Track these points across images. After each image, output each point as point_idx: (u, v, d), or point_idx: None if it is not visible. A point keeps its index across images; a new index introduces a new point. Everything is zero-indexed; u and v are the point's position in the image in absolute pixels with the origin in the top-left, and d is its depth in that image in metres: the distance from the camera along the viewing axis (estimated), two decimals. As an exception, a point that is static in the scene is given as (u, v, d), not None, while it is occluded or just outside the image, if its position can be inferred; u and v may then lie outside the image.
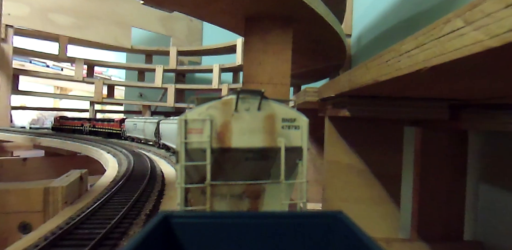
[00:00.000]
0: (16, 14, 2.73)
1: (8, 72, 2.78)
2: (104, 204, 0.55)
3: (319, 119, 1.62)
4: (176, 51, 3.09)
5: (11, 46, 2.77)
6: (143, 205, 0.57)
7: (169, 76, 3.34)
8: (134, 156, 1.09)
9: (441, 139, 0.84)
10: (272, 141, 0.33)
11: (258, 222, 0.26)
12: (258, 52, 0.85)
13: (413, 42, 0.31)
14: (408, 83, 0.38)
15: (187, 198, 0.33)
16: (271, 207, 0.35)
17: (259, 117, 0.33)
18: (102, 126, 2.09)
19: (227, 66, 2.89)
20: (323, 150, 1.65)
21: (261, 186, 0.35)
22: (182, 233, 0.26)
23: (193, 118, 0.32)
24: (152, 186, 0.69)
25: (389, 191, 0.85)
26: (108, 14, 3.09)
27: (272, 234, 0.26)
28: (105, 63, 3.25)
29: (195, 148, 0.32)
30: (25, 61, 4.63)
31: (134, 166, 0.90)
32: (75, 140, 1.60)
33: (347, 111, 0.63)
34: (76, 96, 3.69)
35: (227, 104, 0.33)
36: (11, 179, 1.77)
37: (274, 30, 0.84)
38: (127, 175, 0.77)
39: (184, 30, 3.45)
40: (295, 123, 0.34)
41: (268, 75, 0.85)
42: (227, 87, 2.85)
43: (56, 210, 0.47)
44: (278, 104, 0.34)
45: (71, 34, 2.94)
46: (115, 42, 3.10)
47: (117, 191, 0.63)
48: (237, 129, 0.33)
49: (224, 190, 0.34)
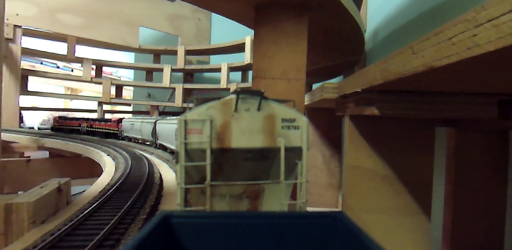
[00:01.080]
0: (24, 14, 2.69)
1: (17, 72, 2.74)
2: (81, 224, 0.44)
3: (334, 119, 1.52)
4: (184, 50, 3.01)
5: (19, 47, 2.73)
6: (126, 227, 0.45)
7: (177, 76, 3.27)
8: (134, 159, 1.00)
9: (479, 140, 0.73)
10: (271, 141, 0.33)
11: (258, 222, 0.26)
12: (269, 44, 0.75)
13: (505, 3, 0.20)
14: (479, 68, 0.28)
15: (187, 199, 0.33)
16: (271, 207, 0.35)
17: (258, 117, 0.33)
18: (100, 125, 2.04)
19: (236, 65, 2.80)
20: (338, 152, 1.54)
21: (260, 186, 0.34)
22: (182, 233, 0.25)
23: (193, 118, 0.32)
24: (145, 197, 0.57)
25: (417, 200, 0.75)
26: (116, 14, 3.04)
27: (272, 234, 0.25)
28: (113, 63, 3.20)
29: (195, 148, 0.32)
30: (36, 63, 4.63)
31: (131, 171, 0.80)
32: (78, 141, 1.53)
33: (375, 109, 0.53)
34: (84, 97, 3.66)
35: (226, 105, 0.32)
36: (15, 181, 1.71)
37: (288, 19, 0.74)
38: (120, 182, 0.67)
39: (192, 30, 3.38)
40: (295, 123, 0.34)
41: (280, 70, 0.75)
42: (236, 87, 2.76)
43: (22, 232, 0.38)
44: (278, 105, 0.33)
45: (79, 34, 2.90)
46: (123, 42, 3.05)
47: (102, 205, 0.52)
48: (236, 129, 0.32)
49: (223, 190, 0.34)
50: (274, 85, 0.77)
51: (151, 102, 3.24)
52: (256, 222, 0.26)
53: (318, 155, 1.49)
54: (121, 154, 1.10)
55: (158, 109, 3.16)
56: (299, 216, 0.27)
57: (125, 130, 1.75)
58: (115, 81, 3.24)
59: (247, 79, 2.92)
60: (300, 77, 0.76)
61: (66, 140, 1.55)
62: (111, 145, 1.40)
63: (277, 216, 0.26)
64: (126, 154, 1.10)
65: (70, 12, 2.85)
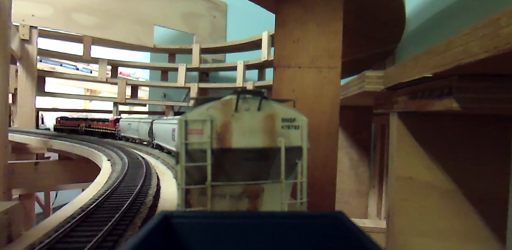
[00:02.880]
0: (39, 15, 2.64)
1: (33, 73, 2.70)
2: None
3: (362, 118, 1.34)
4: (199, 48, 2.89)
5: (35, 48, 2.68)
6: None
7: (192, 75, 3.16)
8: (132, 166, 0.86)
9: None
10: (272, 141, 0.33)
11: (258, 222, 0.25)
12: (294, 24, 0.59)
13: None
14: None
15: (187, 199, 0.32)
16: (270, 207, 0.34)
17: (259, 117, 0.33)
18: (97, 125, 1.99)
19: (252, 63, 2.65)
20: (367, 155, 1.36)
21: (260, 186, 0.34)
22: (182, 233, 0.25)
23: (193, 119, 0.31)
24: (125, 226, 0.41)
25: (488, 222, 0.57)
26: (130, 13, 2.96)
27: (272, 234, 0.25)
28: (128, 63, 3.12)
29: (195, 149, 0.31)
30: (56, 65, 4.65)
31: (124, 180, 0.66)
32: (83, 142, 1.42)
33: (454, 101, 0.36)
34: (100, 97, 3.62)
35: (227, 105, 0.32)
36: (23, 185, 1.62)
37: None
38: (103, 197, 0.51)
39: (208, 28, 3.26)
40: (295, 123, 0.33)
41: (309, 56, 0.59)
42: (252, 85, 2.61)
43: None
44: (278, 104, 0.33)
45: (94, 34, 2.84)
46: (137, 41, 2.96)
47: (62, 239, 0.36)
48: (237, 129, 0.32)
49: (223, 190, 0.33)
50: (300, 76, 0.61)
51: (166, 102, 3.15)
52: (256, 222, 0.25)
53: (345, 158, 1.31)
54: (122, 158, 0.97)
55: (173, 110, 3.06)
56: (299, 216, 0.27)
57: (123, 130, 1.70)
58: (130, 82, 3.16)
59: (264, 77, 2.77)
60: (334, 65, 0.60)
61: (73, 141, 1.44)
62: (114, 147, 1.27)
63: (277, 216, 0.26)
64: (127, 158, 0.96)
65: (85, 11, 2.79)
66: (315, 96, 0.61)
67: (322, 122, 0.62)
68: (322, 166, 0.61)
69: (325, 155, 0.62)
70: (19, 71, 2.62)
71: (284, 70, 0.61)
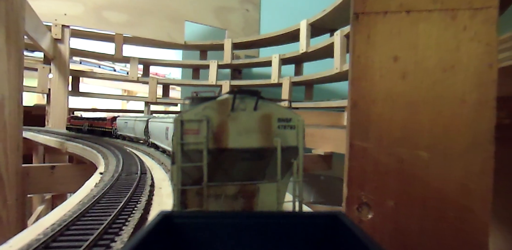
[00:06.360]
0: (71, 13, 2.53)
1: (66, 73, 2.60)
2: None
3: None
4: (231, 43, 2.64)
5: (67, 47, 2.58)
6: None
7: (224, 73, 2.92)
8: (126, 169, 0.72)
9: None
10: (268, 141, 0.32)
11: (258, 222, 0.25)
12: None
13: None
14: None
15: (182, 200, 0.31)
16: (265, 206, 0.34)
17: (255, 117, 0.32)
18: (97, 124, 1.94)
19: (288, 56, 2.34)
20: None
21: (255, 185, 0.33)
22: (182, 233, 0.25)
23: (190, 119, 0.31)
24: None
25: None
26: (160, 9, 2.78)
27: (272, 234, 0.25)
28: (159, 62, 2.95)
29: (191, 149, 0.31)
30: (94, 66, 4.65)
31: (111, 187, 0.51)
32: (95, 145, 1.23)
33: None
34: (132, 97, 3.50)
35: (223, 105, 0.32)
36: (39, 190, 1.46)
37: None
38: (82, 211, 0.41)
39: (240, 22, 3.00)
40: (291, 123, 0.33)
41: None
42: (289, 81, 2.30)
43: None
44: (274, 104, 0.33)
45: (124, 32, 2.69)
46: (168, 38, 2.78)
47: None
48: (233, 129, 0.32)
49: (219, 191, 0.32)
50: (411, 29, 0.30)
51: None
52: (256, 222, 0.25)
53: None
54: (122, 162, 0.82)
55: (205, 109, 2.84)
56: (299, 216, 0.26)
57: (119, 128, 1.64)
58: (161, 81, 2.99)
59: (301, 72, 2.45)
60: (483, 4, 0.29)
61: (83, 144, 1.26)
62: (117, 149, 1.11)
63: (277, 216, 0.26)
64: (127, 162, 0.82)
65: (115, 9, 2.65)
66: (443, 69, 0.30)
67: (456, 120, 0.31)
68: (460, 206, 0.30)
69: (462, 185, 0.31)
70: (52, 71, 2.54)
71: (377, 20, 0.30)
